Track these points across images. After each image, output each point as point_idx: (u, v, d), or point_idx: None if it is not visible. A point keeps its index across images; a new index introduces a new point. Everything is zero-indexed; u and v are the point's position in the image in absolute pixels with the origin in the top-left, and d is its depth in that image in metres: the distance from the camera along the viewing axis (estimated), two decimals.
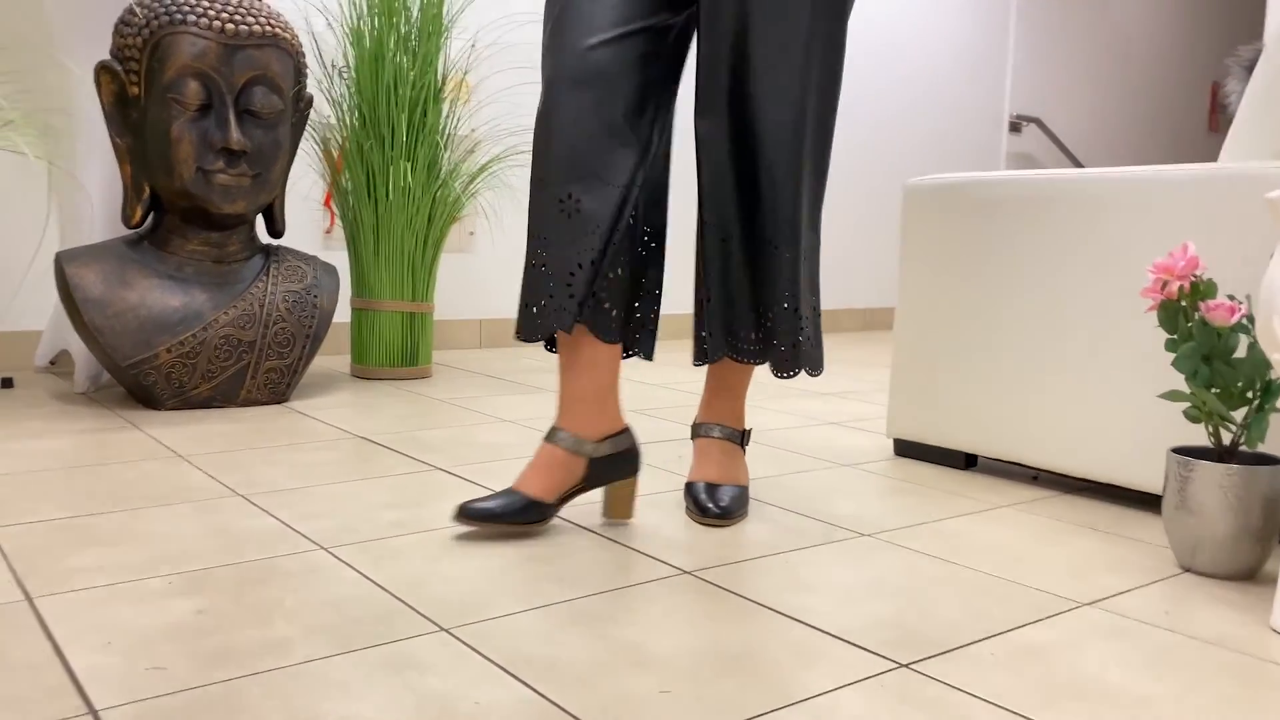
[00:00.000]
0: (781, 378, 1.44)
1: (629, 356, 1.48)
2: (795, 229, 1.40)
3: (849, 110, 4.42)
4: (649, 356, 1.48)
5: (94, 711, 0.82)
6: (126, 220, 2.17)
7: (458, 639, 0.99)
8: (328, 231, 3.10)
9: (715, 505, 1.42)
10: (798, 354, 1.43)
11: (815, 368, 1.47)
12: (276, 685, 0.88)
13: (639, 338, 1.47)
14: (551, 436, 1.35)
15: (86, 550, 1.22)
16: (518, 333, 1.33)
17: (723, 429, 1.52)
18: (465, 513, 1.30)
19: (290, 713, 0.83)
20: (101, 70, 2.11)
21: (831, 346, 3.89)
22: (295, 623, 1.02)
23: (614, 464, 1.36)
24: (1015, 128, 5.15)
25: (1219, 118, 6.41)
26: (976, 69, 4.91)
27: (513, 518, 1.31)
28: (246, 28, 2.09)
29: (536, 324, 1.31)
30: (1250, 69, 1.78)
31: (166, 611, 1.04)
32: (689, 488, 1.48)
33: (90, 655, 0.93)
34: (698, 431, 1.54)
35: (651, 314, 1.47)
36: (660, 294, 1.47)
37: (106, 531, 1.30)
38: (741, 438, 1.54)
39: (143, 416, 2.04)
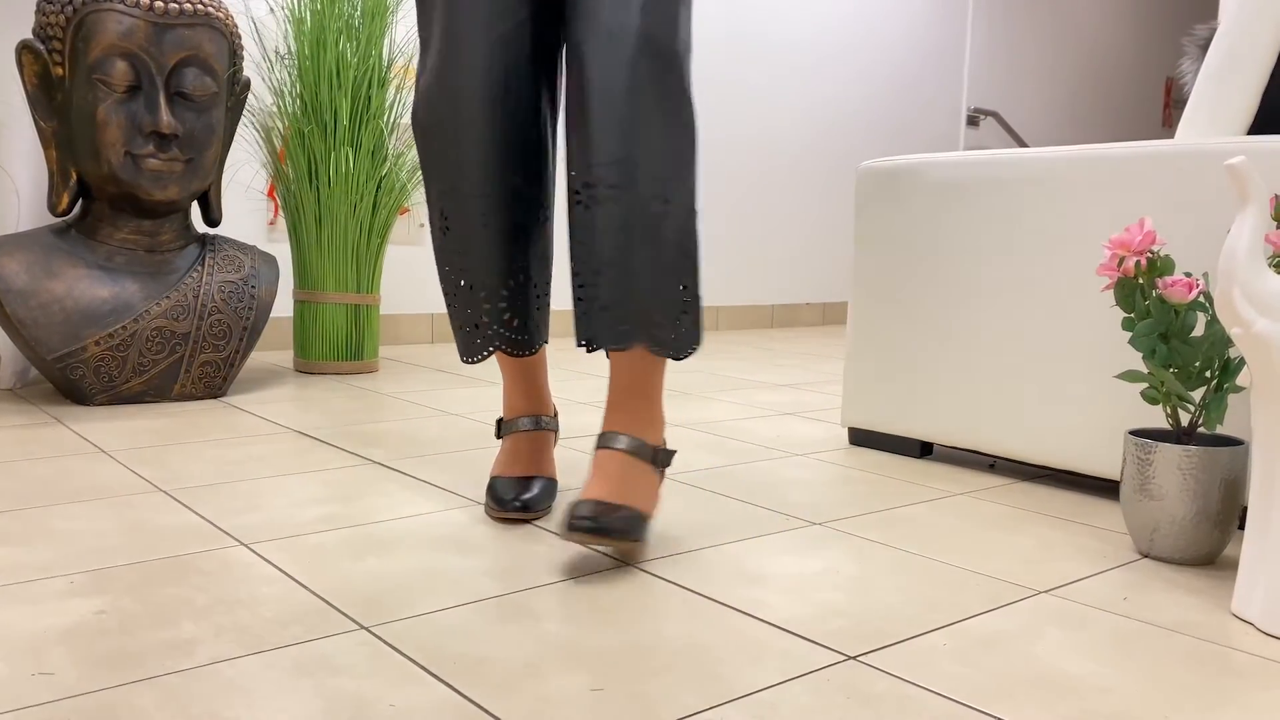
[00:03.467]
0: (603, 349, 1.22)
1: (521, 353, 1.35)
2: (627, 176, 1.15)
3: (805, 102, 4.39)
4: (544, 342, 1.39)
5: None
6: (53, 208, 2.08)
7: (378, 638, 0.93)
8: (271, 223, 3.01)
9: (589, 519, 1.10)
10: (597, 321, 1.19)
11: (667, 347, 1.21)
12: (174, 690, 0.81)
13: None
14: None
15: None
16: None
17: (629, 440, 1.21)
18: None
19: None
20: (24, 50, 2.01)
21: (788, 339, 3.86)
22: (203, 623, 0.95)
23: None
24: (973, 121, 5.15)
25: (1172, 113, 6.46)
26: (934, 61, 4.90)
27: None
28: (177, 5, 2.01)
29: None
30: (1205, 48, 1.76)
31: (64, 613, 0.96)
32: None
33: None
34: (599, 442, 1.24)
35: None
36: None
37: (12, 530, 1.22)
38: (653, 455, 1.22)
39: (70, 412, 1.95)
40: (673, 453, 1.27)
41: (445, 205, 1.28)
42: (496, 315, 1.32)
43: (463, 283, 1.31)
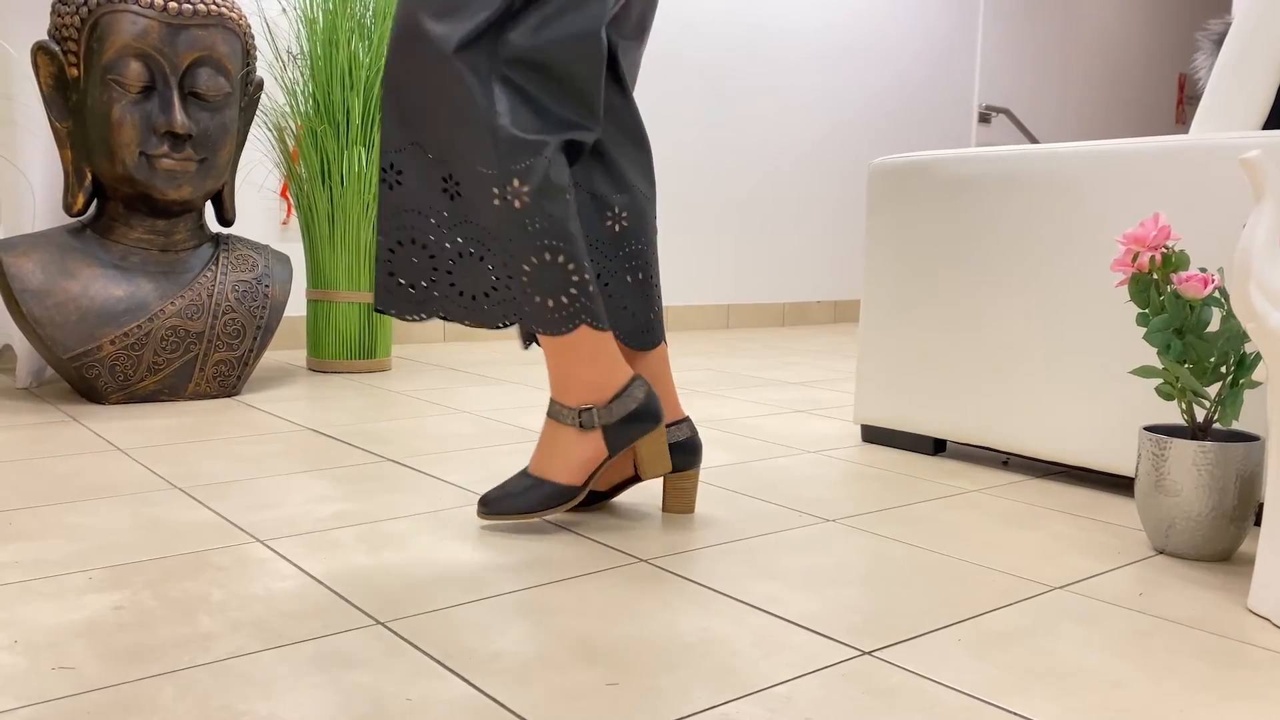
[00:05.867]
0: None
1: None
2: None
3: (816, 101, 4.39)
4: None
5: None
6: (68, 208, 2.09)
7: (394, 633, 0.93)
8: (284, 223, 3.02)
9: (480, 503, 1.28)
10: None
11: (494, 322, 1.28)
12: (193, 684, 0.82)
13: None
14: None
15: (4, 545, 1.15)
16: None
17: (550, 404, 1.29)
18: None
19: (205, 713, 0.77)
20: (39, 51, 2.02)
21: (800, 337, 3.85)
22: (220, 618, 0.95)
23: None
24: (985, 118, 5.13)
25: (1185, 110, 6.43)
26: (946, 58, 4.89)
27: None
28: (190, 6, 2.02)
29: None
30: (1219, 43, 1.75)
31: (82, 608, 0.97)
32: None
33: None
34: None
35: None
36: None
37: (30, 526, 1.23)
38: (575, 416, 1.25)
39: (85, 411, 1.96)
40: (607, 412, 1.25)
41: None
42: None
43: None
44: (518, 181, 1.19)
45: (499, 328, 1.27)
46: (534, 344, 1.29)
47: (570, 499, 1.25)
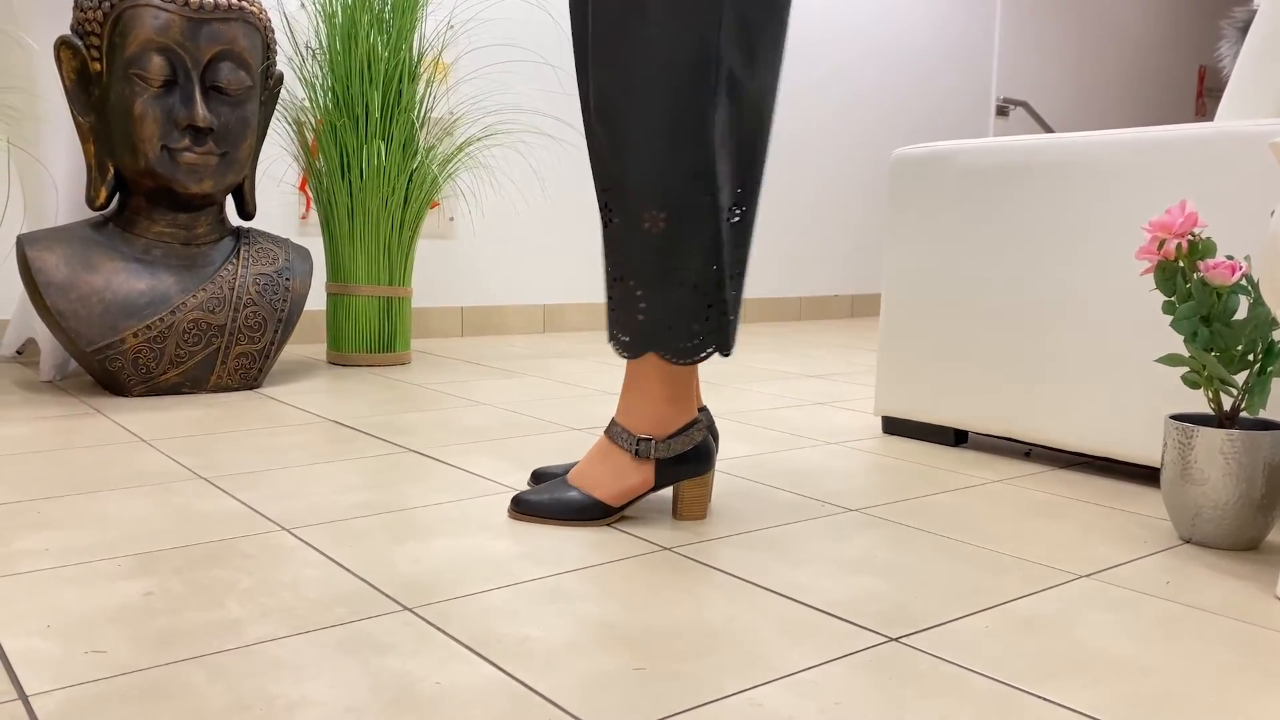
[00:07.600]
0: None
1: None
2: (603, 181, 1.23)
3: (832, 94, 4.37)
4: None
5: (24, 697, 0.76)
6: (91, 202, 2.11)
7: (421, 618, 0.94)
8: (303, 217, 3.03)
9: (516, 500, 1.27)
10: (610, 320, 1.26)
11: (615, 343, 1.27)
12: (223, 668, 0.82)
13: None
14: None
15: (35, 533, 1.16)
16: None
17: (612, 424, 1.28)
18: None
19: (236, 695, 0.77)
20: (62, 46, 2.04)
21: (818, 331, 3.85)
22: (249, 604, 0.96)
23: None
24: (1003, 111, 5.11)
25: (1205, 103, 6.39)
26: (963, 51, 4.86)
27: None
28: (211, 0, 2.02)
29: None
30: (1244, 30, 1.74)
31: (113, 594, 0.98)
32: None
33: (27, 639, 0.87)
34: None
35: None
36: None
37: (58, 515, 1.24)
38: (635, 444, 1.25)
39: (109, 403, 1.98)
40: (665, 446, 1.24)
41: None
42: None
43: None
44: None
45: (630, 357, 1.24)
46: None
47: (603, 517, 1.25)
